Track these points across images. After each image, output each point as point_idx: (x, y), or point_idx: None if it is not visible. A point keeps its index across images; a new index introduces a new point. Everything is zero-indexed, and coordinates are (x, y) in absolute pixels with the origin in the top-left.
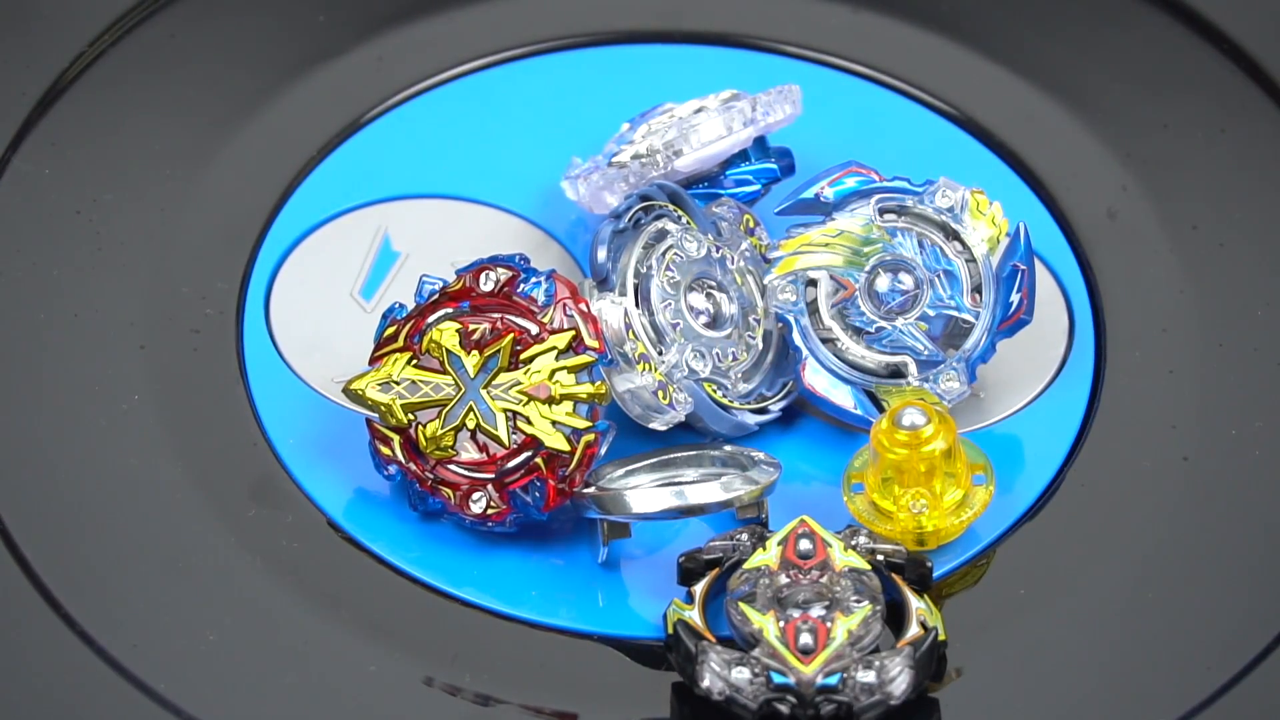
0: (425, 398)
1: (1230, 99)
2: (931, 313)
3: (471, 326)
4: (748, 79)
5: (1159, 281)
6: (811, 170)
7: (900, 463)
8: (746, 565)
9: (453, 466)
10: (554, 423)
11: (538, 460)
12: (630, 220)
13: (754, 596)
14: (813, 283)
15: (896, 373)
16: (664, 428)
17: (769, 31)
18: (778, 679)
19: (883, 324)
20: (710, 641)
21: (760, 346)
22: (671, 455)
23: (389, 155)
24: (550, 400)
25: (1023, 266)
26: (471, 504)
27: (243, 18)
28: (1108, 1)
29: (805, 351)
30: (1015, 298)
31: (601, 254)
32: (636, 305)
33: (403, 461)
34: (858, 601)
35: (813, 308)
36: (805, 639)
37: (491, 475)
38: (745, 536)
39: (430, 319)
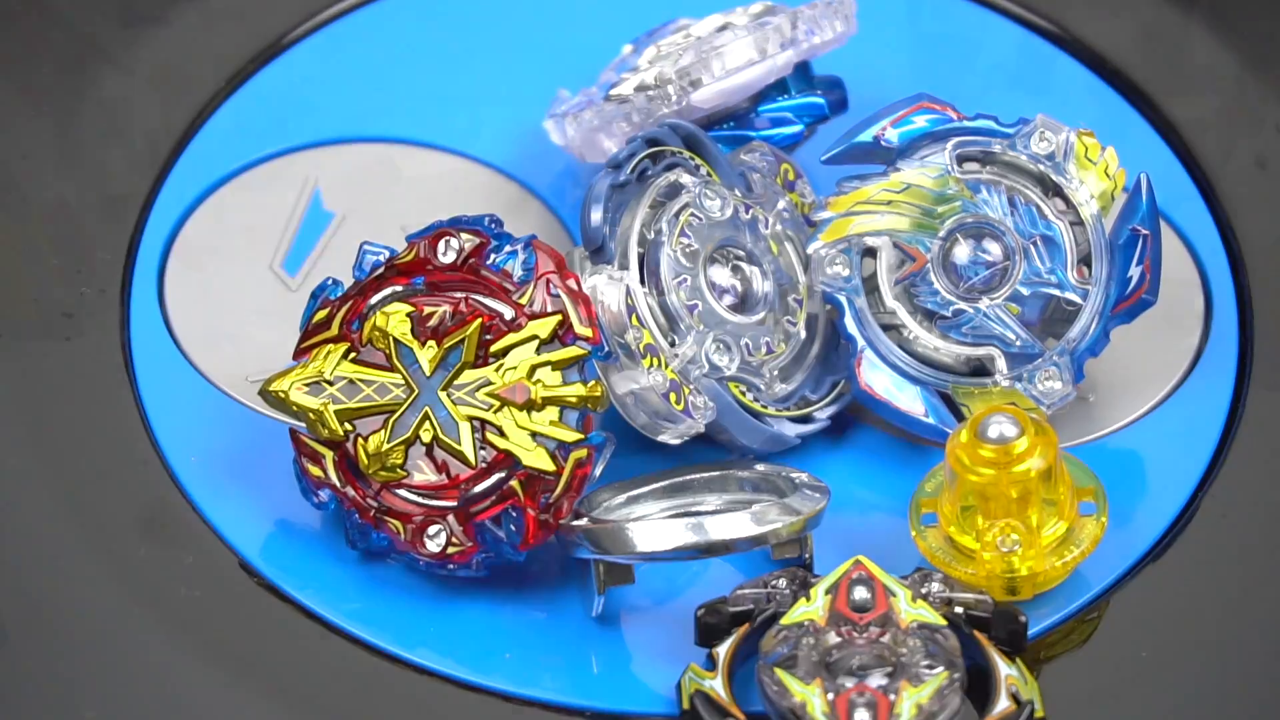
0: (367, 402)
1: None
2: (1025, 291)
3: (427, 310)
4: None
5: None
6: (869, 106)
7: (985, 487)
8: (785, 620)
9: (403, 492)
10: (534, 434)
11: (513, 483)
12: (634, 171)
13: (795, 660)
14: (871, 252)
15: (980, 369)
16: (677, 441)
17: None
18: None
19: (962, 306)
20: (738, 719)
21: (802, 335)
22: (687, 477)
23: (318, 87)
24: (529, 405)
25: (1145, 231)
26: (427, 540)
27: None
28: None
29: (861, 342)
30: (1135, 271)
31: (596, 215)
32: (642, 282)
33: (338, 485)
34: (929, 668)
35: (871, 285)
36: (862, 716)
37: (453, 503)
38: (783, 583)
39: (374, 299)
